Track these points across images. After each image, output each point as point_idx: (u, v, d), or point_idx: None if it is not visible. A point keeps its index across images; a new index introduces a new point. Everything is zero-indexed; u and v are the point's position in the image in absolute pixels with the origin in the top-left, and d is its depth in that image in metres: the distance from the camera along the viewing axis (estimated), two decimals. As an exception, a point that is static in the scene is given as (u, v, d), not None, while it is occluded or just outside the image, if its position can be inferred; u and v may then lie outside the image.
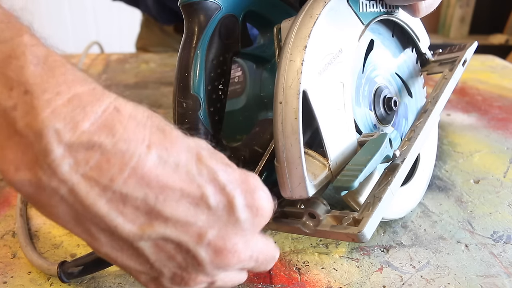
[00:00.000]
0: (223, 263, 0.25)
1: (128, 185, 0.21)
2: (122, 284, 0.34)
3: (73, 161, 0.21)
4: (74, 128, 0.20)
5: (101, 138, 0.21)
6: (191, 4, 0.36)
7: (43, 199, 0.22)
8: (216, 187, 0.24)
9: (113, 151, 0.21)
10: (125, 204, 0.22)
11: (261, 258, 0.28)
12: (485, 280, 0.35)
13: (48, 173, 0.21)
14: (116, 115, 0.22)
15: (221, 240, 0.24)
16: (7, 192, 0.47)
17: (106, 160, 0.21)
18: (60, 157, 0.20)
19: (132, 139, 0.21)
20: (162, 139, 0.23)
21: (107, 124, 0.21)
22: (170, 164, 0.22)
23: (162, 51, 1.06)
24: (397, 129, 0.41)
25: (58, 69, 0.21)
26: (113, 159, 0.21)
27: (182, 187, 0.23)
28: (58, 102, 0.20)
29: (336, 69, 0.34)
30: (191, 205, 0.23)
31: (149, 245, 0.23)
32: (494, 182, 0.50)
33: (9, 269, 0.36)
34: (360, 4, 0.36)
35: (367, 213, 0.31)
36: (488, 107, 0.74)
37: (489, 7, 2.44)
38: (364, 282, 0.35)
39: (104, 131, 0.21)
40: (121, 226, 0.22)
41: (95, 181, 0.21)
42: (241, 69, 0.49)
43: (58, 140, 0.20)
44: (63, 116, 0.20)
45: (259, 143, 0.41)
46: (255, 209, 0.25)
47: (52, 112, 0.20)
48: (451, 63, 0.44)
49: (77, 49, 1.05)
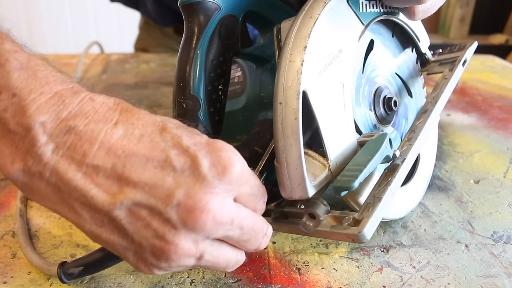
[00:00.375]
0: (197, 224, 0.25)
1: (98, 157, 0.24)
2: (122, 284, 0.34)
3: (55, 145, 0.24)
4: (55, 119, 0.24)
5: (75, 122, 0.25)
6: (191, 5, 0.36)
7: (34, 185, 0.25)
8: (180, 150, 0.25)
9: (84, 130, 0.25)
10: (98, 175, 0.25)
11: (246, 226, 0.28)
12: (485, 280, 0.35)
13: (36, 160, 0.24)
14: (90, 103, 0.26)
15: (190, 199, 0.25)
16: (7, 193, 0.47)
17: (79, 139, 0.24)
18: (44, 144, 0.24)
19: (101, 120, 0.25)
20: (129, 117, 0.26)
21: (82, 111, 0.25)
22: (135, 135, 0.25)
23: (162, 51, 1.06)
24: (397, 129, 0.41)
25: (40, 72, 0.25)
26: (84, 137, 0.24)
27: (147, 153, 0.25)
28: (42, 100, 0.24)
29: (336, 69, 0.34)
30: (157, 169, 0.25)
31: (124, 214, 0.25)
32: (494, 182, 0.50)
33: (9, 269, 0.36)
34: (360, 4, 0.36)
35: (367, 213, 0.31)
36: (488, 107, 0.74)
37: (489, 7, 2.44)
38: (364, 282, 0.35)
39: (79, 116, 0.25)
40: (97, 197, 0.25)
41: (71, 158, 0.24)
42: (241, 69, 0.49)
43: (43, 130, 0.24)
44: (46, 110, 0.24)
45: (259, 143, 0.41)
46: (221, 167, 0.26)
47: (37, 108, 0.24)
48: (451, 63, 0.44)
49: (77, 49, 1.06)
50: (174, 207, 0.25)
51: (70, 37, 2.20)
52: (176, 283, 0.35)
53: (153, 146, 0.25)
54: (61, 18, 2.18)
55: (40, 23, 2.16)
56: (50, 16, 2.16)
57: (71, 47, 2.14)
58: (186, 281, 0.35)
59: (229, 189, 0.26)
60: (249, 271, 0.36)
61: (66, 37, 2.20)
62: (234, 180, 0.26)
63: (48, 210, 0.44)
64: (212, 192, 0.25)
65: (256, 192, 0.30)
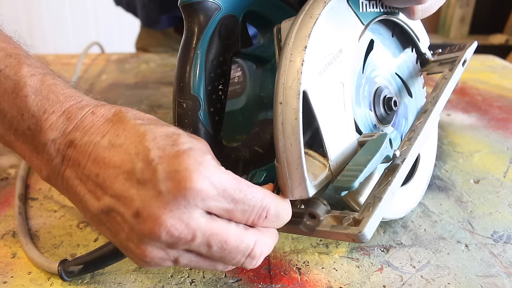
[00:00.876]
0: (153, 236, 0.26)
1: (88, 167, 0.28)
2: (123, 283, 0.34)
3: (62, 158, 0.29)
4: (62, 135, 0.29)
5: (75, 135, 0.28)
6: (191, 5, 0.36)
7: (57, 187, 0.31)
8: (145, 163, 0.26)
9: (80, 143, 0.28)
10: (88, 182, 0.28)
11: (216, 244, 0.27)
12: (485, 280, 0.35)
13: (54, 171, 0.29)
14: (90, 117, 0.29)
15: (146, 211, 0.26)
16: (7, 192, 0.47)
17: (76, 151, 0.28)
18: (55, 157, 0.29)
19: (94, 132, 0.28)
20: (118, 127, 0.28)
21: (82, 125, 0.29)
22: (115, 146, 0.27)
23: (162, 51, 1.06)
24: (397, 129, 0.41)
25: (52, 93, 0.29)
26: (80, 149, 0.28)
27: (119, 164, 0.27)
28: (53, 119, 0.29)
29: (336, 69, 0.34)
30: (125, 180, 0.27)
31: (106, 217, 0.28)
32: (494, 182, 0.50)
33: (9, 269, 0.36)
34: (360, 4, 0.36)
35: (367, 213, 0.31)
36: (488, 107, 0.74)
37: (489, 7, 2.44)
38: (364, 282, 0.35)
39: (78, 130, 0.29)
40: (89, 201, 0.28)
41: (72, 168, 0.28)
42: (241, 69, 0.49)
43: (54, 146, 0.29)
44: (56, 128, 0.29)
45: (259, 143, 0.41)
46: (176, 182, 0.25)
47: (49, 127, 0.29)
48: (451, 63, 0.44)
49: (77, 49, 1.05)
50: (135, 217, 0.26)
51: (70, 37, 2.20)
52: (176, 283, 0.35)
53: (126, 158, 0.27)
54: (61, 18, 2.18)
55: (40, 23, 2.16)
56: (50, 16, 2.15)
57: (71, 47, 2.14)
58: (186, 281, 0.35)
59: (187, 204, 0.26)
60: (249, 270, 0.36)
61: (66, 37, 2.20)
62: (190, 195, 0.25)
63: (48, 210, 0.44)
64: (166, 207, 0.26)
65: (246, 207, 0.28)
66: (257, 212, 0.28)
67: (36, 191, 0.47)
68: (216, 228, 0.27)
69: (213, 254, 0.28)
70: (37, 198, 0.46)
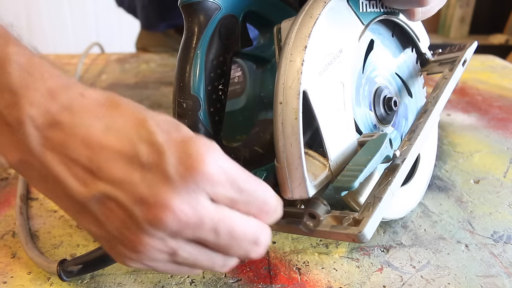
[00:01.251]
0: (160, 223, 0.25)
1: (77, 150, 0.25)
2: (122, 284, 0.34)
3: (42, 138, 0.26)
4: (44, 113, 0.26)
5: (62, 117, 0.26)
6: (191, 4, 0.36)
7: (29, 173, 0.27)
8: (150, 146, 0.25)
9: (68, 125, 0.26)
10: (76, 167, 0.26)
11: (222, 230, 0.26)
12: (485, 280, 0.35)
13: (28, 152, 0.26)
14: (79, 99, 0.27)
15: (153, 196, 0.25)
16: (7, 192, 0.47)
17: (63, 133, 0.26)
18: (33, 137, 0.26)
19: (86, 115, 0.26)
20: (113, 111, 0.27)
21: (70, 106, 0.26)
22: (113, 130, 0.26)
23: (162, 51, 1.07)
24: (397, 129, 0.41)
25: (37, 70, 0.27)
26: (68, 131, 0.26)
27: (119, 148, 0.25)
28: (35, 96, 0.26)
29: (336, 69, 0.34)
30: (126, 164, 0.25)
31: (97, 205, 0.26)
32: (494, 182, 0.50)
33: (9, 269, 0.36)
34: (360, 4, 0.36)
35: (367, 213, 0.31)
36: (488, 107, 0.74)
37: (489, 7, 2.44)
38: (364, 282, 0.35)
39: (66, 111, 0.26)
40: (74, 188, 0.26)
41: (56, 151, 0.26)
42: (241, 69, 0.49)
43: (32, 124, 0.26)
44: (37, 105, 0.26)
45: (259, 143, 0.41)
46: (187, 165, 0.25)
47: (30, 104, 0.26)
48: (451, 63, 0.44)
49: (77, 49, 1.06)
50: (138, 204, 0.25)
51: (70, 37, 2.20)
52: (176, 283, 0.35)
53: (126, 141, 0.26)
54: (61, 18, 2.18)
55: (40, 23, 2.16)
56: (50, 16, 2.15)
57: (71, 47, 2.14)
58: (186, 281, 0.35)
59: (196, 189, 0.25)
60: (249, 271, 0.36)
61: (66, 37, 2.20)
62: (201, 179, 0.25)
63: (48, 210, 0.44)
64: (175, 191, 0.25)
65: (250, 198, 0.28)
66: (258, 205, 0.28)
67: (36, 191, 0.47)
68: (224, 215, 0.26)
69: (220, 242, 0.27)
70: (37, 198, 0.46)
